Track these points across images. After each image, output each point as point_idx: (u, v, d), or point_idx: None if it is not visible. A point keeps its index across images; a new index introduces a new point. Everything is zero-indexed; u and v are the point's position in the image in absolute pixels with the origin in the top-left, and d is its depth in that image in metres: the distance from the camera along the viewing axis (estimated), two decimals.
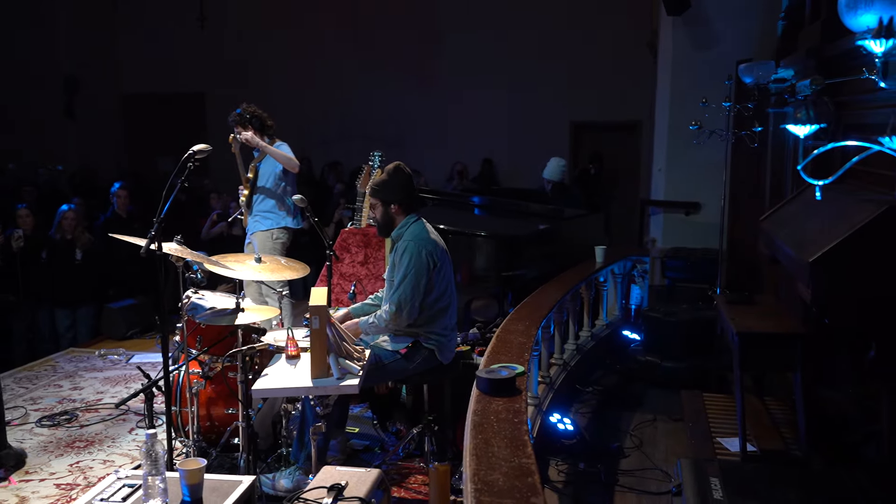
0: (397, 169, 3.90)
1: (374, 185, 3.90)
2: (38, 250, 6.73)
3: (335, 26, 11.20)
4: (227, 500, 2.40)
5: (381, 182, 3.86)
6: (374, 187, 3.88)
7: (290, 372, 3.51)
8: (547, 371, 4.62)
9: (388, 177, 3.88)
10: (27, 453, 4.25)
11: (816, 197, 2.56)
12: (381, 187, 3.85)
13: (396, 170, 3.89)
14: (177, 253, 3.63)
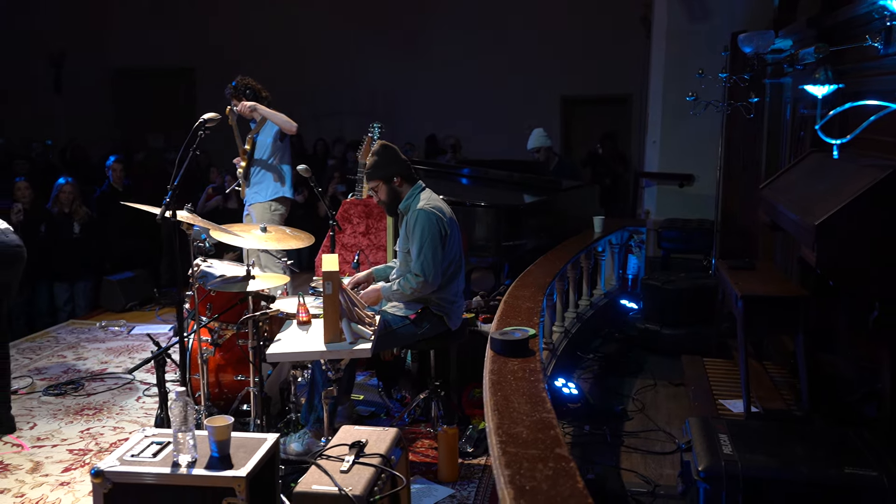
0: (382, 146, 3.98)
1: (368, 170, 3.95)
2: (37, 224, 6.70)
3: None
4: (254, 457, 2.45)
5: (373, 164, 3.92)
6: (369, 171, 3.93)
7: (302, 337, 3.57)
8: (550, 338, 4.71)
9: (378, 156, 3.94)
10: (38, 422, 4.30)
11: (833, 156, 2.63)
12: (376, 167, 3.91)
13: (382, 147, 3.97)
14: (188, 221, 3.65)
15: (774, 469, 2.61)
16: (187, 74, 11.88)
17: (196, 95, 11.83)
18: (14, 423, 4.22)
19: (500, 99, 10.76)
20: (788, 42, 4.76)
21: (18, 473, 3.67)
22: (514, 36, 10.59)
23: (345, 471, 2.55)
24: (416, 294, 3.80)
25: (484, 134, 10.56)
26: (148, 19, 11.44)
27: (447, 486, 3.60)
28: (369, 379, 4.85)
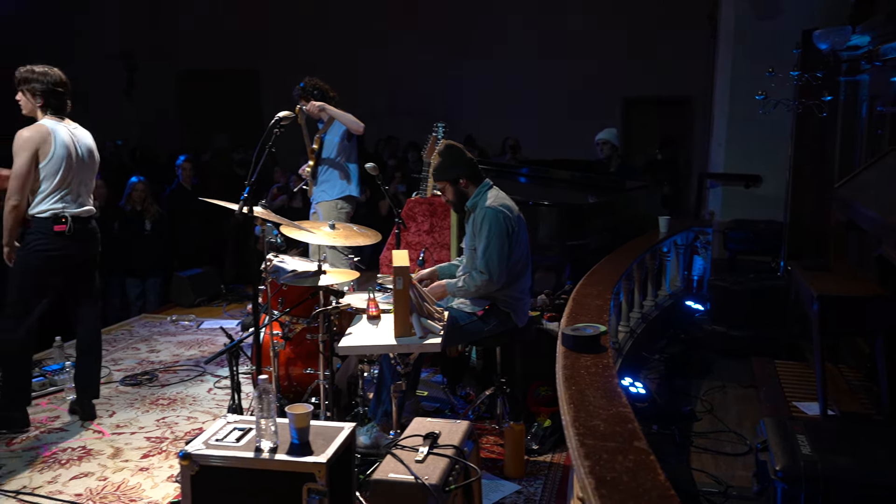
0: (448, 147, 4.01)
1: (434, 171, 4.00)
2: (111, 221, 6.94)
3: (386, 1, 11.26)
4: (333, 444, 2.51)
5: (439, 165, 3.96)
6: (435, 172, 3.98)
7: (372, 331, 3.63)
8: (616, 337, 4.68)
9: (443, 157, 3.98)
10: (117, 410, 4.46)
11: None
12: (442, 169, 3.95)
13: (448, 148, 4.00)
14: (262, 216, 3.75)
15: (857, 471, 2.55)
16: (251, 76, 12.15)
17: (259, 97, 12.09)
18: (95, 410, 4.39)
19: (560, 100, 10.72)
20: (866, 38, 4.64)
21: (101, 458, 3.82)
22: (574, 36, 10.54)
23: (420, 461, 2.59)
24: (481, 291, 3.83)
25: (543, 135, 10.53)
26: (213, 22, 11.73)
27: (513, 482, 3.61)
28: (433, 375, 4.89)
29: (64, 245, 4.05)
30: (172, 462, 3.78)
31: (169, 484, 3.55)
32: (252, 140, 11.17)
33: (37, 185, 4.00)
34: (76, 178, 4.10)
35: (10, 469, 3.69)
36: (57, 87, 4.06)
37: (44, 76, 4.04)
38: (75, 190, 4.11)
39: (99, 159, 4.38)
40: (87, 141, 4.23)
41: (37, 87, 4.03)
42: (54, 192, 4.01)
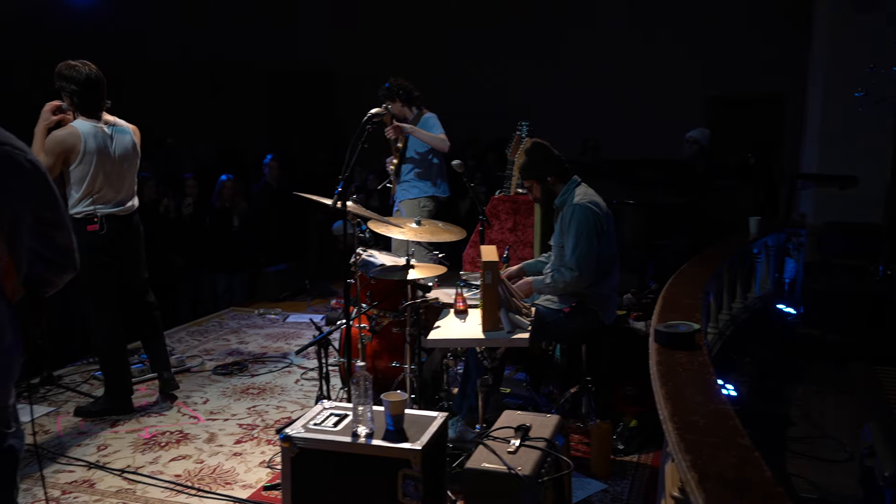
0: (535, 145, 4.01)
1: (521, 169, 4.01)
2: (202, 217, 7.21)
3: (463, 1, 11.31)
4: (427, 432, 2.54)
5: (526, 164, 3.98)
6: (522, 170, 4.00)
7: (460, 325, 3.65)
8: (705, 338, 4.57)
9: (530, 155, 3.99)
10: (210, 398, 4.63)
11: None
12: (529, 167, 3.96)
13: (534, 146, 4.00)
14: (354, 210, 3.82)
15: None
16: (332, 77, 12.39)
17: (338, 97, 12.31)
18: (176, 381, 4.60)
19: (641, 99, 10.53)
20: None
21: (197, 442, 3.97)
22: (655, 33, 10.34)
23: (512, 452, 2.60)
24: (569, 288, 3.81)
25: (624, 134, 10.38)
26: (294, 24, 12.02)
27: (599, 480, 3.58)
28: (516, 373, 4.89)
29: (101, 244, 4.07)
30: (264, 448, 3.90)
31: (261, 469, 3.66)
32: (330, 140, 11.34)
33: (68, 187, 4.06)
34: (109, 178, 4.10)
35: (115, 449, 3.87)
36: (87, 86, 3.98)
37: (75, 73, 3.97)
38: (109, 190, 4.12)
39: (139, 154, 4.29)
40: (125, 139, 4.19)
41: (65, 85, 3.98)
42: (86, 194, 4.05)
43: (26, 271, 1.97)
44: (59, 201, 2.04)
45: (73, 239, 2.09)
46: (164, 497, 3.38)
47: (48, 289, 2.08)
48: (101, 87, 4.06)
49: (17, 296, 1.92)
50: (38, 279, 2.02)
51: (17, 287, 1.92)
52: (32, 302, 1.99)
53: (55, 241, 2.04)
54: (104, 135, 4.08)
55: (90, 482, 3.52)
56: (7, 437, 1.98)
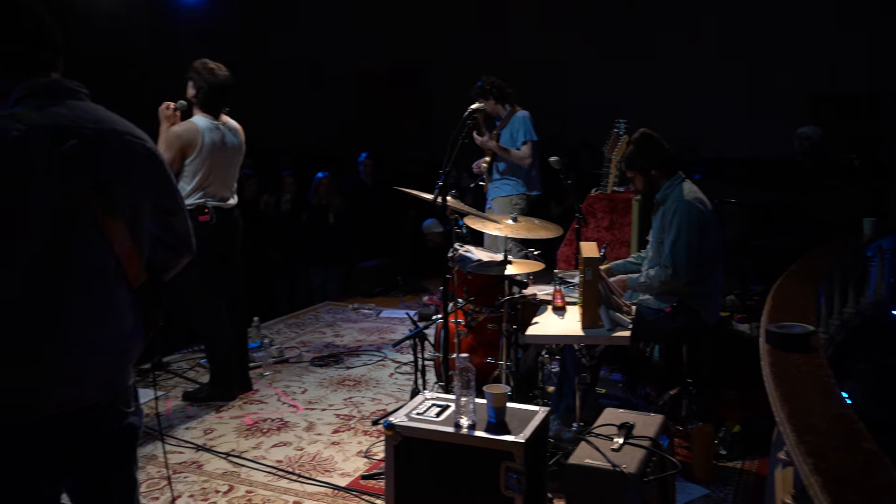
0: (642, 135, 3.92)
1: (626, 159, 3.93)
2: (299, 214, 7.40)
3: None
4: (529, 426, 2.53)
5: (631, 154, 3.90)
6: (628, 160, 3.92)
7: (558, 322, 3.62)
8: None
9: (637, 146, 3.91)
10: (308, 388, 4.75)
11: None
12: (634, 158, 3.88)
13: (642, 136, 3.91)
14: (453, 206, 3.85)
15: None
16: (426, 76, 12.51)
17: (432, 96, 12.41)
18: (250, 381, 4.70)
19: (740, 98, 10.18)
20: None
21: (296, 430, 4.08)
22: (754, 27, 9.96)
23: (615, 449, 2.55)
24: (664, 286, 3.72)
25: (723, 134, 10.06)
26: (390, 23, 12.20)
27: (701, 485, 3.47)
28: (611, 374, 4.80)
29: (208, 235, 4.19)
30: (361, 439, 3.96)
31: (358, 459, 3.72)
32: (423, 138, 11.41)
33: (181, 178, 4.24)
34: (220, 173, 4.29)
35: (220, 433, 4.03)
36: (217, 88, 4.23)
37: (210, 74, 4.21)
38: (218, 184, 4.31)
39: (244, 152, 4.50)
40: (235, 137, 4.39)
41: (198, 80, 4.22)
42: (199, 187, 4.24)
43: (147, 256, 2.06)
44: (175, 188, 2.12)
45: (189, 224, 2.17)
46: (267, 481, 3.48)
47: (167, 272, 2.17)
48: (228, 92, 4.31)
49: (139, 280, 2.00)
50: (159, 263, 2.11)
51: (140, 272, 2.00)
52: (153, 286, 2.07)
53: (173, 227, 2.13)
54: (219, 132, 4.28)
55: (198, 463, 3.67)
56: (128, 416, 2.07)
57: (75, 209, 1.82)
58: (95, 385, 1.93)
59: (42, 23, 1.91)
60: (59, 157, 1.78)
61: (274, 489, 3.41)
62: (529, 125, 5.67)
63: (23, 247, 1.77)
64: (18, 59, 1.87)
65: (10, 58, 1.86)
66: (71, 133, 1.82)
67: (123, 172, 1.92)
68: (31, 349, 1.81)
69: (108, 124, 1.92)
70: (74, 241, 1.83)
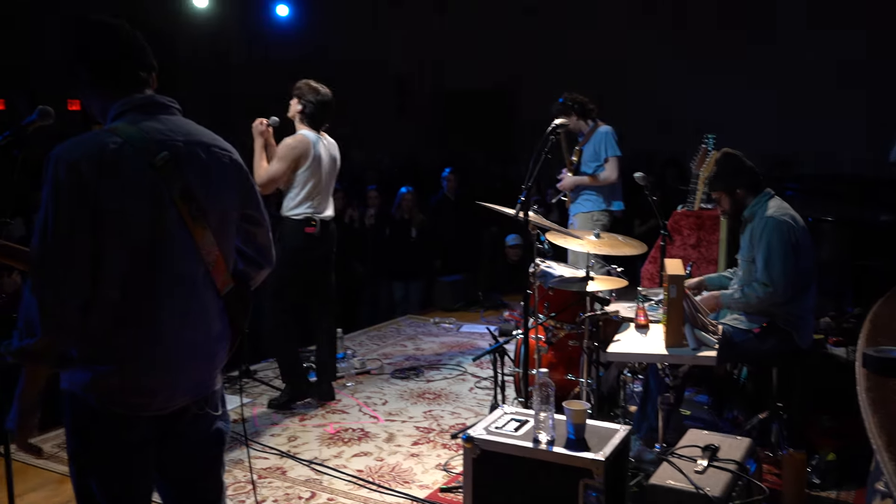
0: (725, 155, 3.84)
1: (711, 180, 3.86)
2: (383, 228, 7.53)
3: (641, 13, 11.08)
4: (609, 444, 2.49)
5: (716, 174, 3.85)
6: (712, 181, 3.85)
7: (641, 340, 3.55)
8: None
9: (721, 166, 3.84)
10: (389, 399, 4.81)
11: None
12: (719, 178, 3.81)
13: (725, 156, 3.84)
14: (535, 221, 3.84)
15: None
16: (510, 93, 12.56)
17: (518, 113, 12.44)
18: (333, 392, 4.78)
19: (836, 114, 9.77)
20: None
21: (377, 441, 4.13)
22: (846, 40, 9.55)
23: (699, 472, 2.49)
24: (762, 304, 3.59)
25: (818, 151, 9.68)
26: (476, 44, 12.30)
27: None
28: (696, 395, 4.67)
29: (311, 245, 4.43)
30: (440, 452, 3.98)
31: (437, 471, 3.74)
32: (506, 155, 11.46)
33: (290, 189, 4.42)
34: (323, 186, 4.48)
35: (303, 441, 4.12)
36: (321, 106, 4.44)
37: (314, 93, 4.43)
38: (322, 196, 4.49)
39: (339, 167, 4.68)
40: (334, 152, 4.60)
41: (304, 98, 4.42)
42: (307, 198, 4.41)
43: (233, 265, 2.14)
44: (260, 200, 2.20)
45: (270, 238, 2.25)
46: (348, 490, 3.54)
47: (249, 283, 2.24)
48: (331, 110, 4.51)
49: (226, 288, 2.09)
50: (239, 275, 2.19)
51: (227, 279, 2.09)
52: (239, 294, 2.15)
53: (256, 239, 2.21)
54: (323, 145, 4.47)
55: (282, 469, 3.77)
56: (216, 420, 2.15)
57: (167, 217, 1.92)
58: (187, 388, 2.02)
59: (137, 44, 2.04)
60: (152, 168, 1.89)
61: (354, 498, 3.47)
62: (612, 140, 5.61)
63: (121, 251, 1.87)
64: (117, 79, 2.00)
65: (110, 77, 2.00)
66: (163, 145, 1.93)
67: (211, 182, 2.01)
68: (132, 350, 1.92)
69: (196, 137, 2.03)
70: (167, 247, 1.93)
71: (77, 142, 1.88)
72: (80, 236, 1.82)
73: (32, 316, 1.80)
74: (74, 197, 1.81)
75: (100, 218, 1.83)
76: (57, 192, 1.82)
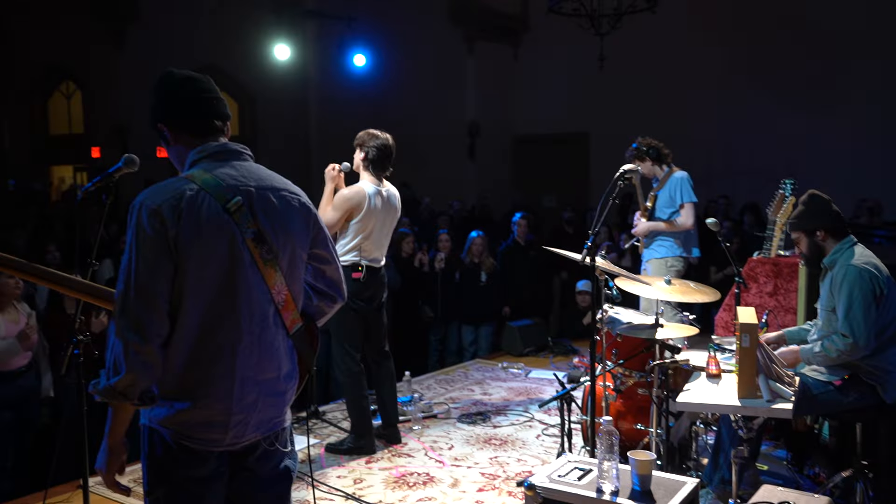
0: (811, 196, 3.72)
1: (791, 220, 3.75)
2: (453, 271, 7.57)
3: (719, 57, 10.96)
4: (675, 498, 2.42)
5: (798, 214, 3.71)
6: (793, 221, 3.74)
7: (712, 389, 3.45)
8: None
9: (805, 206, 3.71)
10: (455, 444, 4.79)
11: None
12: (801, 218, 3.69)
13: (811, 197, 3.72)
14: (603, 266, 3.81)
15: None
16: (582, 139, 12.57)
17: (589, 158, 12.42)
18: (399, 434, 4.79)
19: None
20: None
21: (441, 486, 4.11)
22: None
23: None
24: (843, 357, 3.44)
25: None
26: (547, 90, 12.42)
27: None
28: (775, 449, 4.49)
29: (357, 290, 4.43)
30: (505, 500, 3.93)
31: None
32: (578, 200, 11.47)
33: (342, 236, 4.49)
34: (376, 234, 4.52)
35: (369, 483, 4.14)
36: (382, 151, 4.52)
37: (374, 139, 4.53)
38: (373, 244, 4.52)
39: (399, 216, 4.76)
40: (394, 201, 4.64)
41: (365, 145, 4.53)
42: (356, 246, 4.46)
43: (302, 304, 2.21)
44: (329, 239, 2.29)
45: (341, 273, 2.32)
46: None
47: (320, 318, 2.31)
48: (391, 155, 4.61)
49: (295, 327, 2.16)
50: (313, 310, 2.26)
51: (295, 318, 2.16)
52: (307, 333, 2.22)
53: (326, 275, 2.29)
54: (382, 197, 4.53)
55: None
56: (284, 457, 2.20)
57: (241, 259, 2.01)
58: (257, 424, 2.08)
59: (214, 96, 2.17)
60: (226, 213, 1.98)
61: None
62: (688, 186, 5.54)
63: (199, 292, 1.96)
64: (194, 128, 2.13)
65: (187, 127, 2.13)
66: (236, 191, 2.03)
67: (281, 225, 2.10)
68: (206, 387, 2.00)
69: (268, 182, 2.13)
70: (240, 288, 2.01)
71: (158, 189, 1.99)
72: (160, 279, 1.93)
73: (117, 355, 1.90)
74: (156, 241, 1.92)
75: (179, 261, 1.94)
76: (139, 237, 1.93)
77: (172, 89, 2.13)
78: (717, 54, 10.94)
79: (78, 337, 2.83)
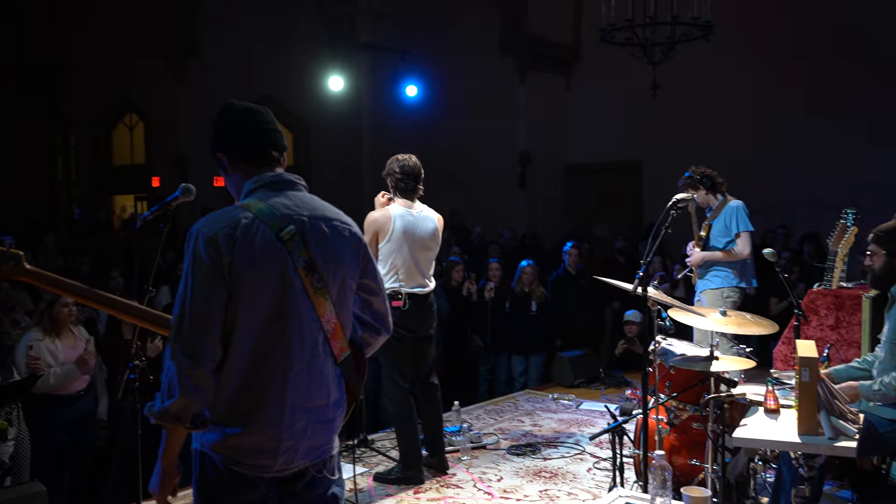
0: None
1: (879, 231, 3.57)
2: (503, 300, 7.54)
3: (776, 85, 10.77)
4: None
5: (889, 229, 3.52)
6: (880, 233, 3.55)
7: (770, 425, 3.34)
8: None
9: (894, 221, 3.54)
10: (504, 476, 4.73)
11: None
12: (890, 234, 3.50)
13: None
14: (655, 297, 3.74)
15: None
16: (634, 168, 12.45)
17: (642, 187, 12.29)
18: (447, 462, 4.74)
19: None
20: None
21: None
22: None
23: None
24: None
25: None
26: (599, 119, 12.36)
27: None
28: (839, 489, 4.31)
29: (399, 319, 4.23)
30: None
31: None
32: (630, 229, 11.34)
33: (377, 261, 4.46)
34: (412, 259, 4.45)
35: None
36: (405, 173, 4.49)
37: (395, 164, 4.52)
38: (411, 270, 4.46)
39: (440, 241, 4.67)
40: (429, 225, 4.56)
41: (391, 172, 4.53)
42: (392, 271, 4.43)
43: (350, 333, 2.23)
44: (377, 270, 2.31)
45: (387, 305, 2.33)
46: None
47: (366, 350, 2.32)
48: (417, 176, 4.57)
49: (343, 355, 2.17)
50: (358, 341, 2.27)
51: (344, 346, 2.18)
52: (355, 361, 2.23)
53: (372, 306, 2.31)
54: (412, 219, 4.51)
55: None
56: (332, 484, 2.21)
57: (293, 287, 2.04)
58: (306, 451, 2.10)
59: (272, 127, 2.22)
60: (280, 241, 2.02)
61: None
62: (744, 215, 5.43)
63: (251, 319, 2.00)
64: (251, 159, 2.18)
65: (245, 158, 2.18)
66: (289, 220, 2.07)
67: (332, 254, 2.13)
68: (257, 413, 2.02)
69: (320, 211, 2.17)
70: (291, 316, 2.04)
71: (214, 217, 2.04)
72: (214, 306, 1.97)
73: (171, 379, 1.94)
74: (211, 269, 1.97)
75: (233, 287, 1.97)
76: (195, 264, 1.98)
77: (232, 120, 2.19)
78: (774, 82, 10.76)
79: (134, 362, 2.90)
